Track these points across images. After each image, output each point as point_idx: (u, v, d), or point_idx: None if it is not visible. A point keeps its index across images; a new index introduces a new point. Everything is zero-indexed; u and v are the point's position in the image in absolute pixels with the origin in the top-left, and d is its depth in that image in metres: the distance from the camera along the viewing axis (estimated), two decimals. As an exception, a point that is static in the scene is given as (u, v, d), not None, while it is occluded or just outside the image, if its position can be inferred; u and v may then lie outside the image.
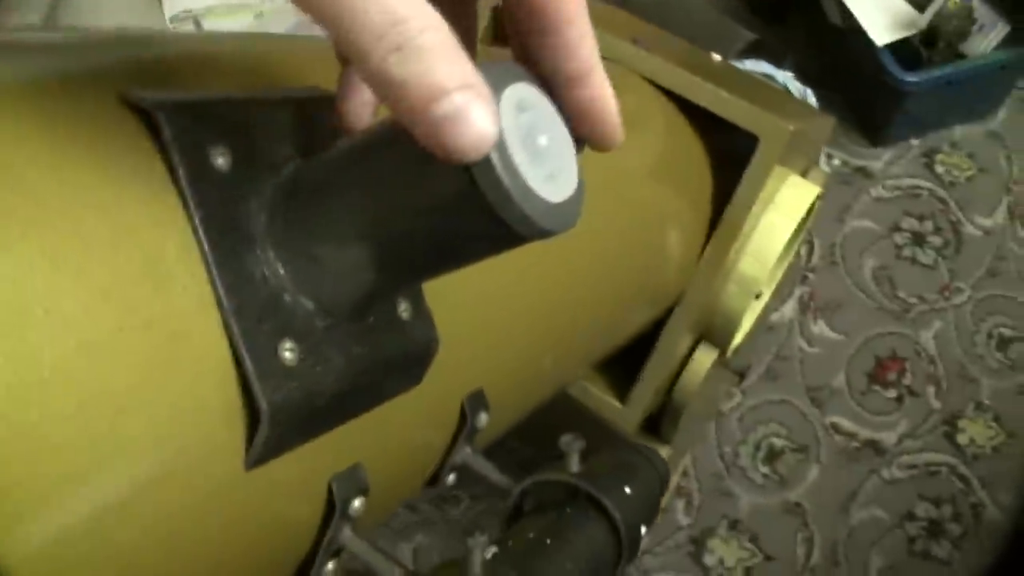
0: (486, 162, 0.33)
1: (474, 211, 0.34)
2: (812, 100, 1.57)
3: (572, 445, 0.55)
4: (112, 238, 0.34)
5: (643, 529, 0.55)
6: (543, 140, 0.36)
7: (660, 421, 1.14)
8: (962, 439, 1.62)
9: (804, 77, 1.60)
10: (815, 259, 1.72)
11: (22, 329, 0.30)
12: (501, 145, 0.33)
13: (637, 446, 0.62)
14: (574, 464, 0.54)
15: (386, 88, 0.31)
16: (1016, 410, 1.64)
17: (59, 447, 0.31)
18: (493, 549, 0.48)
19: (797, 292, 1.69)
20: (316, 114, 0.45)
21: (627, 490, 0.55)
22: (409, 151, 0.35)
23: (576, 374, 1.02)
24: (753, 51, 1.66)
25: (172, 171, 0.37)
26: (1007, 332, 1.69)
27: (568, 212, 0.37)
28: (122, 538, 0.34)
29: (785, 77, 1.57)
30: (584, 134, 0.39)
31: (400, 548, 1.51)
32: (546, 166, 0.36)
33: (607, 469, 0.56)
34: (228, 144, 0.39)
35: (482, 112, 0.31)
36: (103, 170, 0.35)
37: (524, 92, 0.36)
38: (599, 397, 1.06)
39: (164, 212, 0.37)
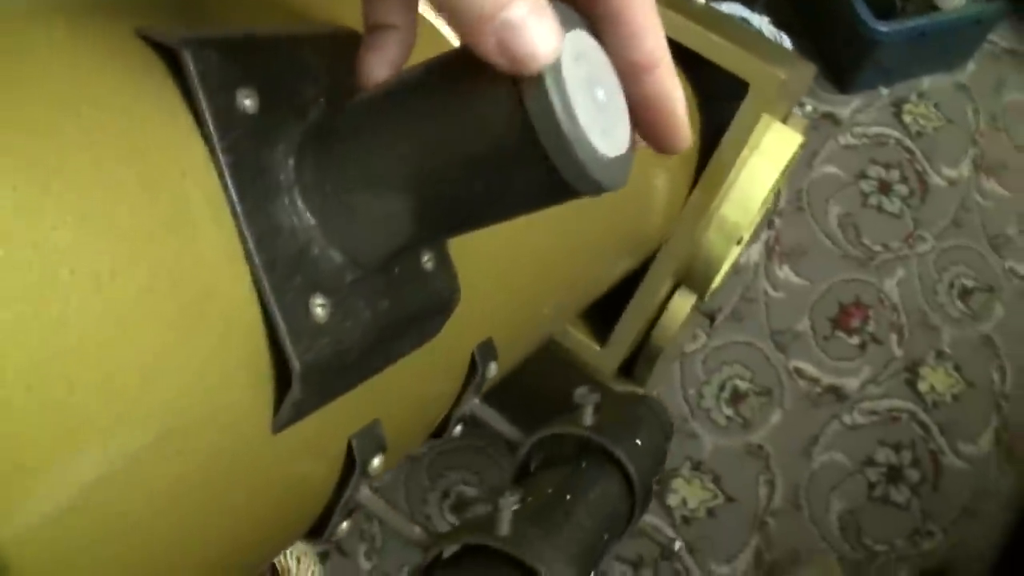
0: (544, 100, 0.32)
1: (526, 158, 0.34)
2: (787, 45, 1.57)
3: (587, 398, 0.55)
4: (138, 189, 0.32)
5: (654, 480, 0.56)
6: (600, 93, 0.35)
7: (635, 364, 1.15)
8: (923, 387, 1.64)
9: (776, 22, 1.60)
10: (781, 204, 1.72)
11: (47, 294, 0.29)
12: (560, 86, 0.32)
13: (640, 396, 0.62)
14: (588, 417, 0.54)
15: None
16: (976, 359, 1.67)
17: (86, 419, 0.30)
18: (515, 505, 0.47)
19: (763, 236, 1.70)
20: (342, 53, 0.43)
21: (637, 442, 0.55)
22: (461, 90, 0.34)
23: (566, 321, 1.02)
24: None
25: (197, 114, 0.35)
26: (969, 283, 1.71)
27: (619, 170, 0.35)
28: (144, 508, 0.33)
29: (760, 21, 1.57)
30: (644, 132, 0.38)
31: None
32: (601, 120, 0.34)
33: (616, 422, 0.56)
34: (255, 85, 0.37)
35: (549, 25, 0.31)
36: (126, 113, 0.33)
37: (585, 41, 0.35)
38: (579, 339, 1.07)
39: (190, 159, 0.35)
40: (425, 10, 0.51)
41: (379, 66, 0.39)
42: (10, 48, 0.32)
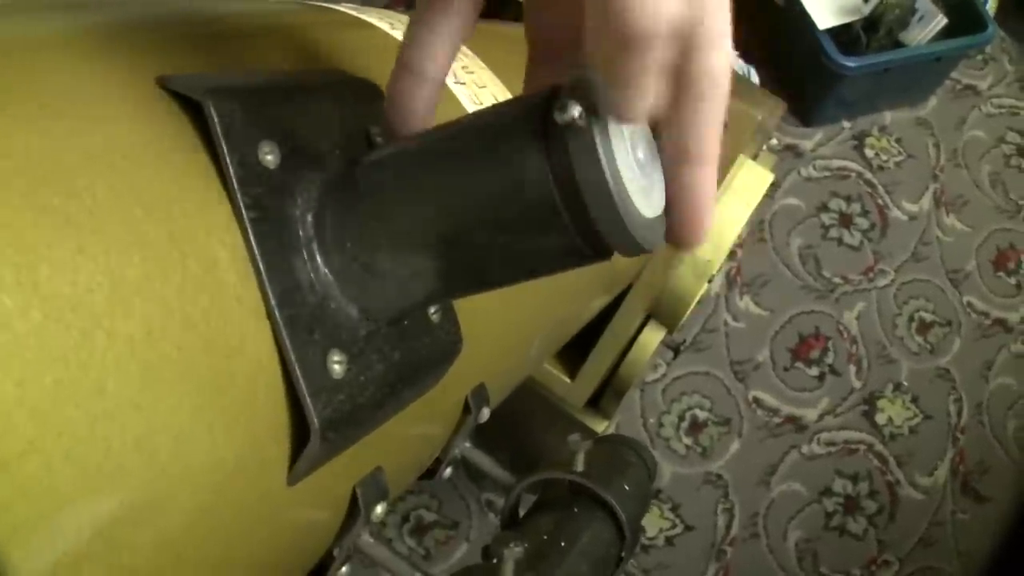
0: (593, 160, 0.32)
1: (566, 218, 0.33)
2: (755, 78, 1.59)
3: (580, 445, 0.55)
4: (169, 248, 0.32)
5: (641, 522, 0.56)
6: (640, 153, 0.34)
7: (601, 396, 1.16)
8: (880, 419, 1.66)
9: (741, 54, 1.61)
10: (743, 235, 1.73)
11: (85, 357, 0.28)
12: (608, 146, 0.32)
13: (625, 439, 0.62)
14: (580, 463, 0.55)
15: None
16: (933, 392, 1.69)
17: (118, 480, 0.29)
18: (518, 556, 0.48)
19: (724, 267, 1.71)
20: (358, 103, 0.43)
21: (626, 487, 0.56)
22: (495, 150, 0.34)
23: (546, 359, 1.03)
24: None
25: (220, 168, 0.35)
26: (928, 316, 1.73)
27: (656, 231, 0.35)
28: (158, 558, 0.32)
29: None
30: (667, 221, 0.37)
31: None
32: (641, 180, 0.34)
33: (604, 465, 0.57)
34: (276, 138, 0.37)
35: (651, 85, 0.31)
36: (154, 168, 0.33)
37: None
38: (549, 373, 1.07)
39: (215, 215, 0.34)
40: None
41: (407, 119, 0.39)
42: (42, 100, 0.31)
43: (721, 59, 0.34)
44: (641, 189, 0.34)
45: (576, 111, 0.32)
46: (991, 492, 1.65)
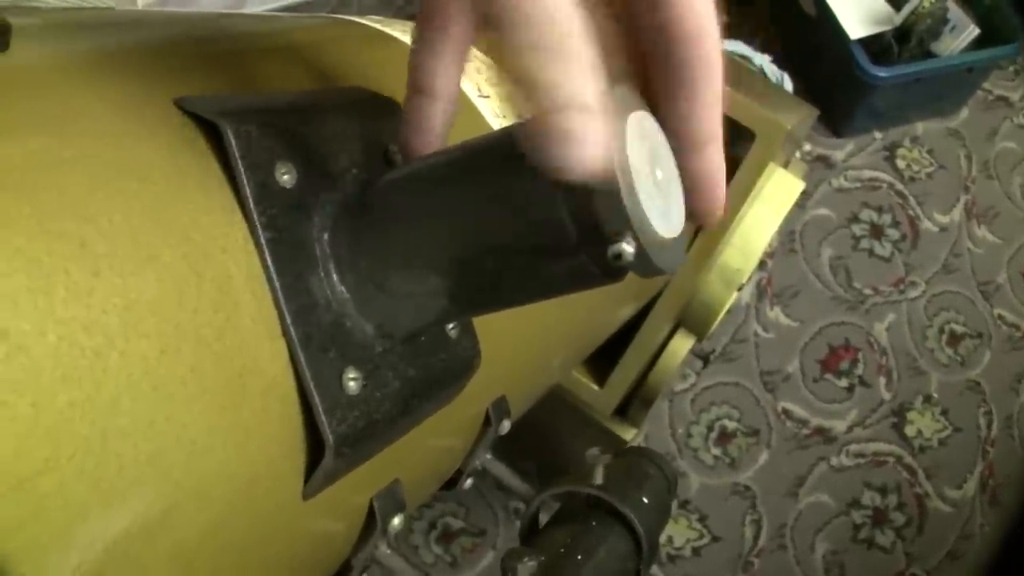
0: (610, 184, 0.31)
1: (583, 242, 0.33)
2: (789, 86, 1.58)
3: (599, 459, 0.56)
4: (183, 268, 0.32)
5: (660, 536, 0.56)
6: (659, 173, 0.34)
7: (630, 405, 1.15)
8: (910, 431, 1.65)
9: (774, 61, 1.61)
10: (774, 245, 1.73)
11: (99, 377, 0.29)
12: (626, 170, 0.32)
13: (646, 451, 0.62)
14: (599, 476, 0.55)
15: (520, 79, 0.30)
16: (963, 405, 1.68)
17: (131, 497, 0.30)
18: (532, 571, 0.48)
19: (755, 277, 1.70)
20: (375, 121, 0.43)
21: (644, 500, 0.56)
22: (511, 173, 0.34)
23: (572, 369, 1.03)
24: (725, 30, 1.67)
25: (236, 188, 0.35)
26: (958, 328, 1.72)
27: (675, 252, 0.35)
28: (173, 571, 0.33)
29: (762, 60, 1.58)
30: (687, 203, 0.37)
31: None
32: (660, 200, 0.34)
33: (623, 478, 0.57)
34: (293, 159, 0.37)
35: (599, 138, 0.30)
36: (169, 188, 0.33)
37: (645, 121, 0.35)
38: (578, 380, 1.07)
39: (230, 235, 0.35)
40: (466, 87, 0.52)
41: (422, 138, 0.39)
42: (57, 124, 0.32)
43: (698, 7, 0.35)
44: (660, 211, 0.34)
45: None
46: (1021, 505, 1.63)
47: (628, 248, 0.32)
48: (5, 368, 0.26)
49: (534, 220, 0.34)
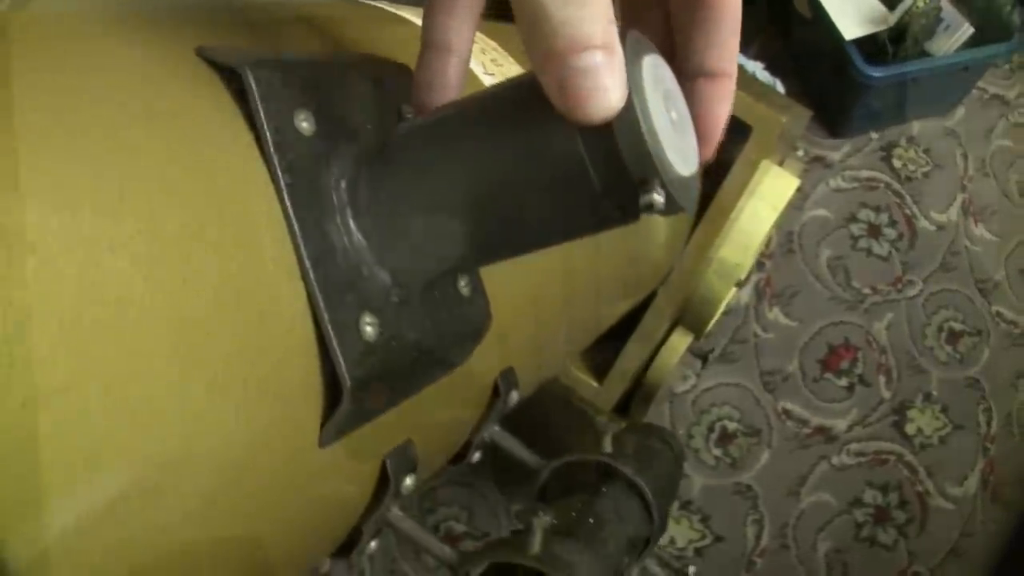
0: (632, 124, 0.32)
1: (603, 181, 0.34)
2: (781, 90, 1.59)
3: (607, 427, 0.56)
4: (207, 204, 0.33)
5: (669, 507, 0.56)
6: (673, 114, 0.35)
7: (630, 402, 1.16)
8: (910, 429, 1.65)
9: (768, 66, 1.61)
10: (772, 246, 1.74)
11: (125, 296, 0.29)
12: (646, 110, 0.32)
13: (651, 426, 0.63)
14: (607, 445, 0.55)
15: (538, 20, 0.31)
16: (963, 402, 1.68)
17: (157, 425, 0.30)
18: (547, 524, 0.48)
19: (754, 278, 1.71)
20: (389, 81, 0.44)
21: (654, 470, 0.56)
22: (531, 113, 0.34)
23: (572, 355, 1.03)
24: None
25: (257, 133, 0.36)
26: (957, 326, 1.73)
27: (692, 190, 0.36)
28: (186, 517, 0.33)
29: (755, 67, 1.58)
30: None
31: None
32: (677, 140, 0.35)
33: (633, 450, 0.57)
34: (312, 107, 0.38)
35: (618, 78, 0.31)
36: (193, 129, 0.34)
37: (658, 64, 0.35)
38: (577, 376, 1.07)
39: (252, 177, 0.36)
40: (473, 65, 0.52)
41: (437, 93, 0.40)
42: (85, 61, 0.33)
43: None
44: (677, 149, 0.34)
45: None
46: (1022, 501, 1.64)
47: (658, 197, 0.33)
48: (34, 281, 0.27)
49: (556, 163, 0.34)
